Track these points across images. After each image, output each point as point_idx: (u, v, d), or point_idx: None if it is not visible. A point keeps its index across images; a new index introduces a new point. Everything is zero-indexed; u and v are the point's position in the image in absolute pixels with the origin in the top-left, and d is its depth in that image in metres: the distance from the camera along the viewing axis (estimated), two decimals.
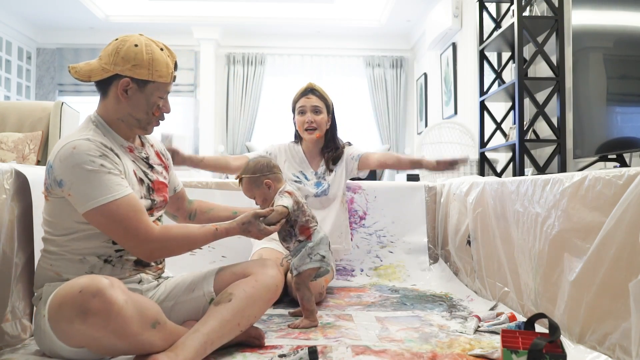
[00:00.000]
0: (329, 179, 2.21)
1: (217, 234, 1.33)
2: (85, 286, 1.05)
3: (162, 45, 1.34)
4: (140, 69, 1.27)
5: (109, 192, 1.18)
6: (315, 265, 1.60)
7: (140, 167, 1.37)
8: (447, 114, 5.13)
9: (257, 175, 1.62)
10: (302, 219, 1.59)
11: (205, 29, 6.41)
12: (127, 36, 1.31)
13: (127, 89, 1.28)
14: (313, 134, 2.15)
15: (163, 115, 1.38)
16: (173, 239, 1.27)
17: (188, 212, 1.64)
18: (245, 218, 1.37)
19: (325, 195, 2.19)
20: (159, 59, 1.30)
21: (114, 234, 1.22)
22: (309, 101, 2.15)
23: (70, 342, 1.11)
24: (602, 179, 1.23)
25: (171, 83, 1.35)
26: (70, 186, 1.18)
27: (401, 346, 1.39)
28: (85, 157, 1.18)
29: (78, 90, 6.71)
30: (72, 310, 1.05)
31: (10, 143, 2.91)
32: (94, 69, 1.28)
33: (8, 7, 5.86)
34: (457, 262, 2.31)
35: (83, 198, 1.18)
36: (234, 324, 1.26)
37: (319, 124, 2.15)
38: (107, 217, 1.18)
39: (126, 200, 1.20)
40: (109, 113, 1.32)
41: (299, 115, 2.17)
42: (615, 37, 2.09)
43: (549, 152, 2.86)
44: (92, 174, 1.18)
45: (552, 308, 1.43)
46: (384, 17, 6.10)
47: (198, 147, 6.51)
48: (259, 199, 1.63)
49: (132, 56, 1.26)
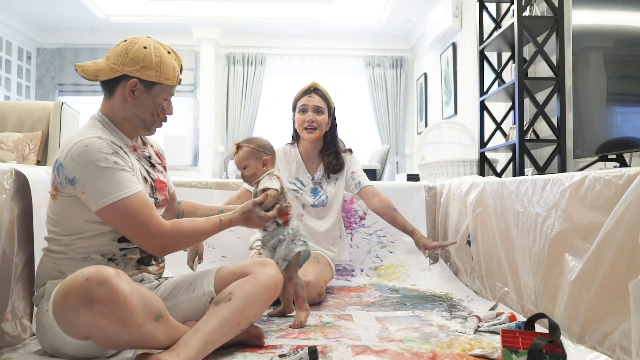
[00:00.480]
0: (327, 188, 2.18)
1: (221, 225, 1.38)
2: (91, 275, 1.08)
3: (169, 49, 1.37)
4: (148, 70, 1.30)
5: (123, 188, 1.21)
6: (302, 249, 1.64)
7: (144, 165, 1.40)
8: (447, 114, 5.13)
9: (260, 150, 1.67)
10: (283, 204, 1.63)
11: (205, 29, 6.41)
12: (135, 38, 1.33)
13: (134, 90, 1.31)
14: (312, 134, 2.12)
15: (166, 116, 1.41)
16: (183, 233, 1.31)
17: (176, 213, 1.66)
18: (245, 207, 1.43)
19: (323, 206, 2.18)
20: (167, 62, 1.33)
21: (127, 230, 1.24)
22: (312, 100, 2.12)
23: (75, 332, 1.12)
24: (602, 179, 1.23)
25: (176, 85, 1.38)
26: (84, 183, 1.20)
27: (401, 346, 1.39)
28: (98, 154, 1.20)
29: (78, 90, 6.71)
30: (78, 298, 1.07)
31: (10, 143, 2.91)
32: (101, 69, 1.30)
33: (8, 7, 5.86)
34: (457, 262, 2.31)
35: (97, 195, 1.19)
36: (234, 323, 1.27)
37: (320, 124, 2.12)
38: (121, 213, 1.21)
39: (138, 197, 1.23)
40: (114, 113, 1.34)
41: (300, 113, 2.14)
42: (615, 37, 2.09)
43: (549, 152, 2.86)
44: (106, 170, 1.20)
45: (552, 308, 1.43)
46: (384, 17, 6.10)
47: (198, 147, 6.51)
48: (249, 170, 1.67)
49: (141, 57, 1.29)
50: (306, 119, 2.11)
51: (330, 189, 2.19)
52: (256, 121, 6.62)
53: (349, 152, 2.28)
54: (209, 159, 6.44)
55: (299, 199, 2.17)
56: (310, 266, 1.95)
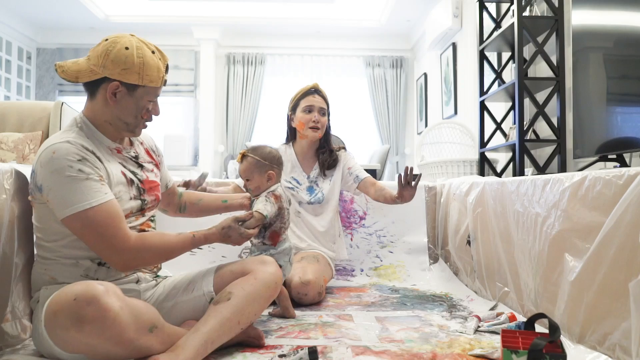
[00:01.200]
0: (323, 186, 2.23)
1: (194, 241, 1.30)
2: (79, 294, 1.04)
3: (154, 48, 1.30)
4: (130, 73, 1.23)
5: (86, 199, 1.16)
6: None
7: (129, 167, 1.35)
8: (447, 114, 5.13)
9: (266, 163, 1.58)
10: (277, 225, 1.58)
11: (205, 29, 6.41)
12: (117, 36, 1.26)
13: (116, 92, 1.25)
14: (316, 133, 2.17)
15: (152, 117, 1.35)
16: (148, 249, 1.24)
17: (178, 206, 1.63)
18: (225, 223, 1.35)
19: (319, 203, 2.21)
20: (150, 63, 1.25)
21: (89, 242, 1.20)
22: (317, 101, 2.16)
23: (67, 348, 1.11)
24: (602, 179, 1.23)
25: (161, 87, 1.31)
26: (49, 192, 1.17)
27: (401, 346, 1.39)
28: (63, 162, 1.16)
29: (78, 90, 6.70)
30: (67, 319, 1.04)
31: (10, 143, 2.91)
32: (81, 70, 1.25)
33: (8, 7, 5.86)
34: (457, 262, 2.31)
35: (60, 204, 1.16)
36: (234, 322, 1.26)
37: (323, 125, 2.18)
38: (83, 224, 1.16)
39: (104, 208, 1.18)
40: (96, 115, 1.29)
41: (305, 113, 2.16)
42: (615, 37, 2.09)
43: (549, 152, 2.86)
44: (70, 179, 1.16)
45: (552, 308, 1.43)
46: (384, 17, 6.09)
47: (198, 147, 6.51)
48: (252, 184, 1.60)
49: (122, 60, 1.22)
50: (312, 118, 2.15)
51: (325, 186, 2.23)
52: (256, 121, 6.62)
53: (343, 150, 2.32)
54: (209, 159, 6.44)
55: (295, 197, 2.20)
56: (310, 265, 1.95)
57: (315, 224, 2.20)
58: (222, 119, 6.66)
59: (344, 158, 2.28)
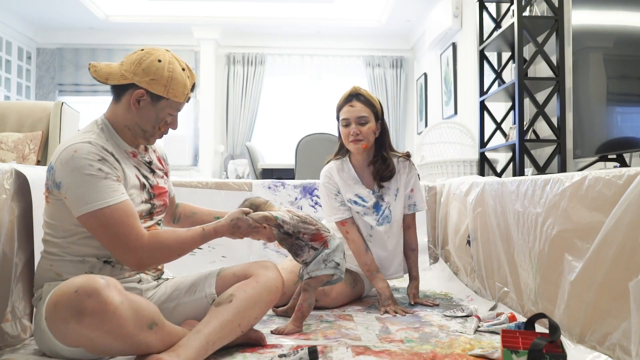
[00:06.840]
0: (389, 201, 1.98)
1: (205, 235, 1.31)
2: (80, 286, 1.06)
3: (185, 65, 1.36)
4: (157, 84, 1.29)
5: (104, 197, 1.19)
6: (329, 272, 1.56)
7: (142, 171, 1.39)
8: (447, 114, 5.13)
9: None
10: (309, 228, 1.55)
11: (205, 29, 6.41)
12: (153, 49, 1.33)
13: (140, 100, 1.30)
14: (359, 144, 1.90)
15: (168, 130, 1.41)
16: (162, 246, 1.25)
17: (173, 216, 1.65)
18: (234, 214, 1.35)
19: (388, 223, 1.98)
20: (178, 78, 1.31)
21: (104, 240, 1.22)
22: (353, 111, 1.90)
23: (67, 341, 1.12)
24: (602, 179, 1.23)
25: (184, 103, 1.36)
26: (67, 189, 1.20)
27: (401, 346, 1.39)
28: (84, 161, 1.20)
29: (78, 91, 6.70)
30: (67, 310, 1.06)
31: (10, 143, 2.91)
32: (112, 73, 1.30)
33: (8, 7, 5.86)
34: (457, 262, 2.31)
35: (78, 202, 1.19)
36: (234, 324, 1.27)
37: (365, 135, 1.89)
38: (100, 222, 1.19)
39: (120, 207, 1.21)
40: (117, 118, 1.34)
41: (344, 127, 1.93)
42: (615, 37, 2.09)
43: (549, 152, 2.86)
44: (89, 178, 1.19)
45: (552, 308, 1.43)
46: (384, 17, 6.10)
47: (198, 147, 6.51)
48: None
49: (153, 70, 1.28)
50: (350, 132, 1.90)
51: (391, 200, 1.98)
52: (256, 121, 6.61)
53: (405, 157, 2.03)
54: (209, 159, 6.44)
55: (364, 222, 1.98)
56: None
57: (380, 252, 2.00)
58: (222, 119, 6.66)
59: (408, 172, 2.01)
